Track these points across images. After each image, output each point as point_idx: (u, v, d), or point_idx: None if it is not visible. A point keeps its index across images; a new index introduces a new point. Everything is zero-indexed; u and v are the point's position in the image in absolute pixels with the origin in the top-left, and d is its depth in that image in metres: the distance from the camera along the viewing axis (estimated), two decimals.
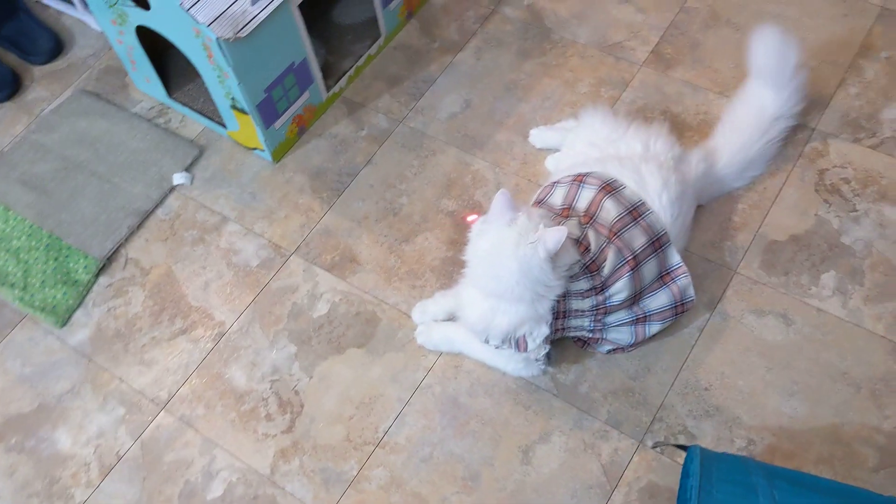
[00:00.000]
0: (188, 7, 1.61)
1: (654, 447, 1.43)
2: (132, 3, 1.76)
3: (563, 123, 1.92)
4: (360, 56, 2.09)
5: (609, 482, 1.50)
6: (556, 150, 1.88)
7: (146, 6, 1.72)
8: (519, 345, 1.47)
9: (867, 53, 1.97)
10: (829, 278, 1.67)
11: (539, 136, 1.92)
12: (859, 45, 1.99)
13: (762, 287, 1.68)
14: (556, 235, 1.32)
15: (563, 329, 1.53)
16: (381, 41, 2.12)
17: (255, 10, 1.67)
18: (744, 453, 1.50)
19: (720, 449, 1.51)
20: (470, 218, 1.48)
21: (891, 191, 1.76)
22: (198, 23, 1.62)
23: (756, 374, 1.58)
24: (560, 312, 1.47)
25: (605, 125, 1.72)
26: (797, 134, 1.86)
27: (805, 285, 1.67)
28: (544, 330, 1.46)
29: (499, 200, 1.37)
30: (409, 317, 1.72)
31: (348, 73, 2.07)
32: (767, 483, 1.17)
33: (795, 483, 1.19)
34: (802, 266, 1.69)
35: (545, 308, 1.43)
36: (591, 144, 1.71)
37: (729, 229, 1.74)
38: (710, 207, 1.78)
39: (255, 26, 1.67)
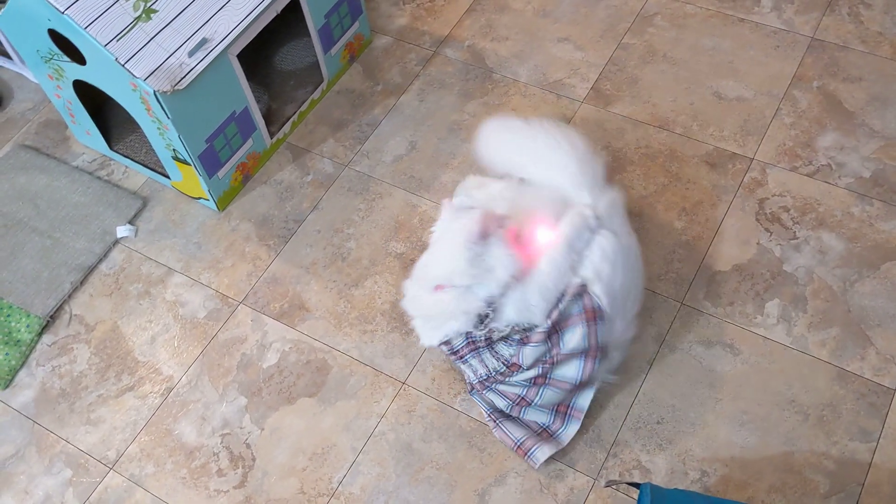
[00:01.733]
0: (124, 61, 1.60)
1: (607, 486, 1.42)
2: (68, 59, 1.74)
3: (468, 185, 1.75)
4: (304, 101, 2.09)
5: None
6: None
7: (82, 61, 1.70)
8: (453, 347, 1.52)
9: (799, 84, 2.02)
10: (773, 306, 1.70)
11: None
12: (792, 76, 2.04)
13: (708, 318, 1.70)
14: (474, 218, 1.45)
15: (461, 357, 1.54)
16: (323, 86, 2.13)
17: (193, 62, 1.66)
18: (697, 485, 1.51)
19: (674, 482, 1.52)
20: None
21: (828, 217, 1.80)
22: (134, 77, 1.60)
23: (706, 406, 1.59)
24: (473, 345, 1.51)
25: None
26: (736, 164, 1.90)
27: (750, 314, 1.69)
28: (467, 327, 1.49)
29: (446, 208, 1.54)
30: (361, 363, 1.71)
31: (292, 119, 2.07)
32: None
33: None
34: (747, 295, 1.72)
35: (473, 301, 1.46)
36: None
37: (673, 262, 1.77)
38: (654, 241, 1.80)
39: (192, 78, 1.66)
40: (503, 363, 1.52)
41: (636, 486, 1.31)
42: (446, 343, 1.54)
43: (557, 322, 1.47)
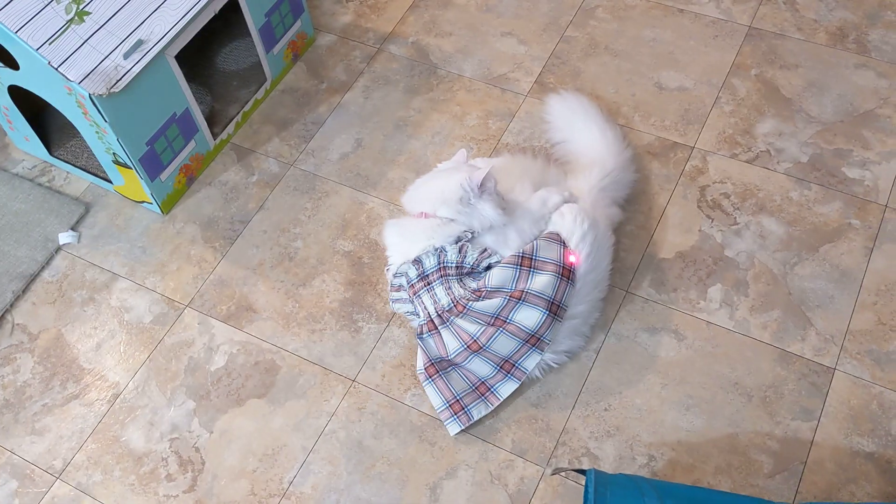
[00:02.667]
0: (58, 65, 1.58)
1: (553, 473, 1.44)
2: (1, 64, 1.71)
3: (476, 161, 1.91)
4: (247, 101, 2.08)
5: None
6: None
7: (15, 66, 1.67)
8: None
9: (738, 72, 2.06)
10: (715, 291, 1.72)
11: None
12: (731, 65, 2.07)
13: (653, 305, 1.72)
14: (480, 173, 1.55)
15: (428, 284, 1.58)
16: (267, 85, 2.12)
17: (129, 63, 1.64)
18: (645, 470, 1.53)
19: (622, 468, 1.54)
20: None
21: (768, 203, 1.83)
22: (69, 80, 1.58)
23: (652, 392, 1.61)
24: (443, 273, 1.58)
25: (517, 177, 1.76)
26: (678, 153, 1.93)
27: (693, 300, 1.72)
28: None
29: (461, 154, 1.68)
30: (310, 362, 1.70)
31: (235, 120, 2.05)
32: (660, 502, 1.19)
33: (687, 500, 1.21)
34: (690, 281, 1.74)
35: (453, 230, 1.59)
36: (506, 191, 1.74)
37: (619, 251, 1.78)
38: None
39: (129, 80, 1.64)
40: (469, 291, 1.56)
41: (582, 472, 1.32)
42: (416, 264, 1.59)
43: (532, 259, 1.53)
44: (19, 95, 1.84)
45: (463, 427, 1.57)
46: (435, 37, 2.22)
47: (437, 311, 1.58)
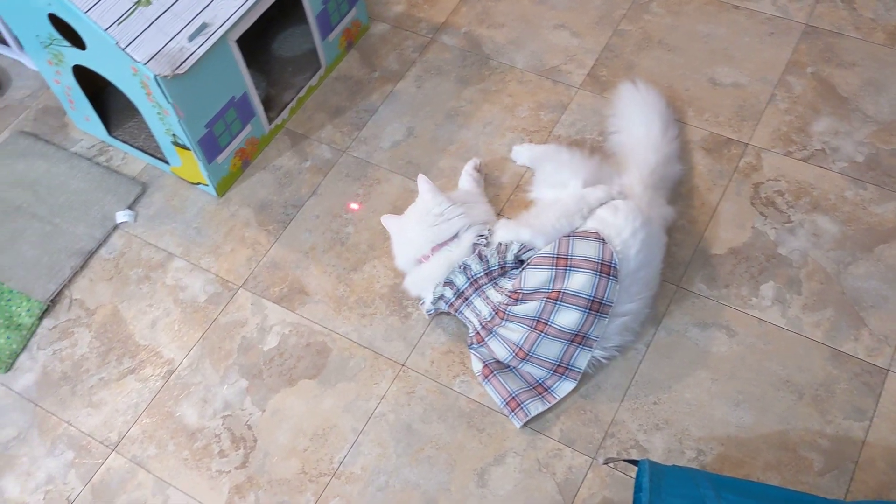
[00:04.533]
0: (125, 46, 1.61)
1: (605, 463, 1.44)
2: (68, 44, 1.75)
3: (543, 147, 1.93)
4: (302, 88, 2.10)
5: (564, 500, 1.52)
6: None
7: (82, 46, 1.71)
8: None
9: (794, 70, 2.04)
10: (768, 289, 1.72)
11: (521, 154, 1.95)
12: (787, 62, 2.06)
13: (704, 300, 1.72)
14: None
15: (465, 300, 1.63)
16: (321, 72, 2.14)
17: (193, 46, 1.67)
18: (694, 464, 1.53)
19: (671, 461, 1.54)
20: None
21: (822, 201, 1.82)
22: (135, 61, 1.61)
23: (702, 386, 1.62)
24: (476, 284, 1.62)
25: (567, 168, 1.77)
26: (731, 149, 1.92)
27: (745, 296, 1.71)
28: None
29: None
30: (360, 345, 1.73)
31: (290, 105, 2.08)
32: (715, 494, 1.20)
33: (742, 493, 1.22)
34: (742, 278, 1.74)
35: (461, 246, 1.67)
36: (558, 185, 1.76)
37: (670, 245, 1.78)
38: None
39: (193, 62, 1.67)
40: (506, 295, 1.58)
41: (634, 463, 1.33)
42: (450, 285, 1.64)
43: (567, 258, 1.53)
44: (82, 76, 1.88)
45: (522, 422, 1.58)
46: (487, 28, 2.23)
47: (481, 324, 1.61)
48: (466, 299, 1.62)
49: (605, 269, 1.54)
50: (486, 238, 1.66)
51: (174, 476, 1.61)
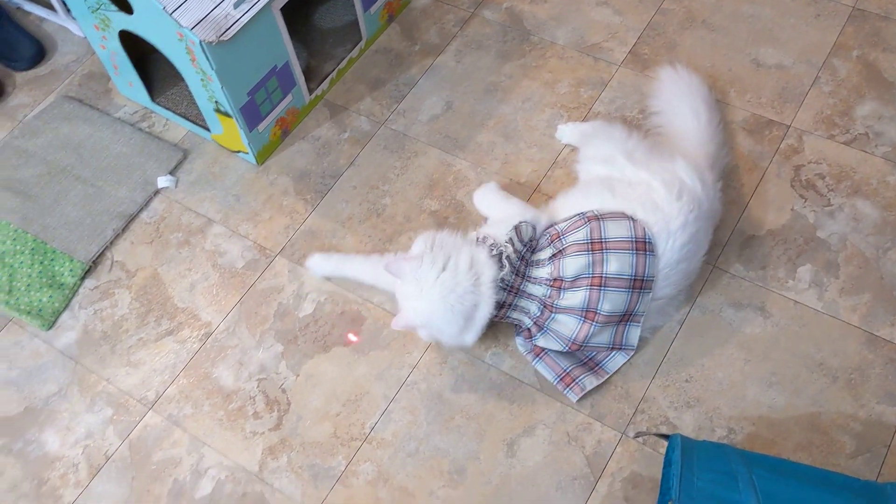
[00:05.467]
0: (171, 11, 1.63)
1: (635, 437, 1.45)
2: (115, 8, 1.77)
3: (590, 124, 1.93)
4: (342, 59, 2.11)
5: (593, 473, 1.53)
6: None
7: (129, 10, 1.73)
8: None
9: (839, 52, 2.02)
10: (805, 271, 1.71)
11: (566, 133, 1.94)
12: (832, 45, 2.03)
13: (740, 281, 1.71)
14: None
15: (512, 307, 1.58)
16: (362, 44, 2.15)
17: (238, 13, 1.69)
18: (724, 442, 1.53)
19: (701, 438, 1.54)
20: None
21: (864, 185, 1.80)
22: (181, 26, 1.63)
23: (735, 366, 1.61)
24: (513, 289, 1.55)
25: (610, 146, 1.73)
26: (773, 131, 1.90)
27: (782, 278, 1.70)
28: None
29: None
30: (394, 315, 1.74)
31: (330, 76, 2.09)
32: (747, 470, 1.20)
33: (774, 470, 1.22)
34: (779, 260, 1.73)
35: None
36: (605, 161, 1.71)
37: None
38: None
39: (237, 29, 1.68)
40: (546, 285, 1.55)
41: (665, 437, 1.34)
42: (498, 308, 1.56)
43: (602, 241, 1.52)
44: (126, 41, 1.91)
45: (578, 397, 1.59)
46: (529, 3, 2.22)
47: (532, 320, 1.61)
48: (510, 306, 1.59)
49: (641, 246, 1.53)
50: (499, 247, 1.56)
51: (209, 435, 1.64)
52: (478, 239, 1.58)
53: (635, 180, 1.63)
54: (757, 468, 1.20)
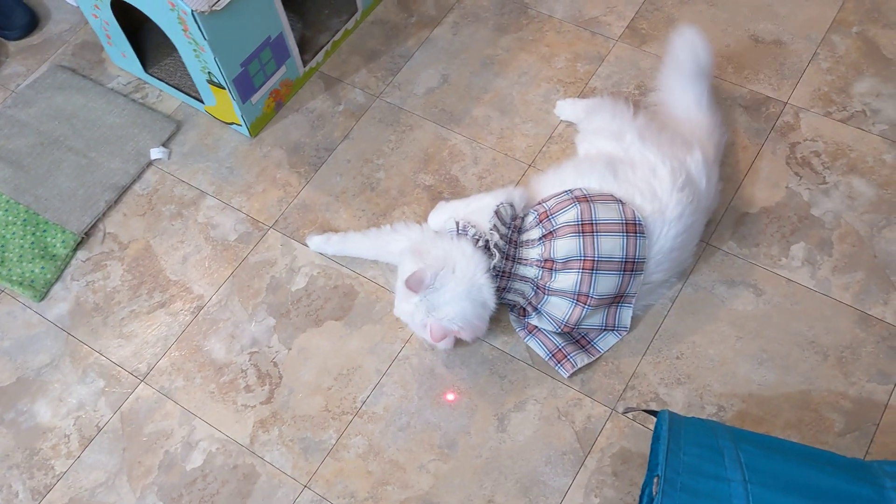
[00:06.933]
0: None
1: (624, 412, 1.45)
2: None
3: (590, 100, 1.90)
4: (337, 31, 2.09)
5: (582, 448, 1.54)
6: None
7: None
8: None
9: (839, 28, 2.00)
10: (798, 249, 1.70)
11: (565, 109, 1.92)
12: (832, 21, 2.01)
13: (733, 258, 1.71)
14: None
15: (507, 290, 1.58)
16: (357, 16, 2.13)
17: None
18: (714, 419, 1.54)
19: (691, 415, 1.55)
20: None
21: (859, 163, 1.79)
22: None
23: (726, 343, 1.61)
24: (505, 273, 1.55)
25: (617, 122, 1.72)
26: (770, 108, 1.89)
27: (775, 256, 1.70)
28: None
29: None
30: (387, 289, 1.74)
31: (325, 48, 2.07)
32: (734, 446, 1.20)
33: (761, 446, 1.22)
34: (773, 237, 1.72)
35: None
36: (613, 136, 1.69)
37: None
38: None
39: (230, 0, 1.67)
40: (537, 266, 1.55)
41: (654, 413, 1.34)
42: (498, 293, 1.57)
43: (592, 223, 1.51)
44: (120, 11, 1.89)
45: (570, 373, 1.60)
46: None
47: (526, 301, 1.60)
48: (506, 289, 1.59)
49: (631, 228, 1.53)
50: (482, 235, 1.57)
51: (200, 408, 1.65)
52: (458, 228, 1.57)
53: (639, 161, 1.62)
54: (744, 444, 1.20)
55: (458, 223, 1.58)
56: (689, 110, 1.77)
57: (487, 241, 1.54)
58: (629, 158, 1.63)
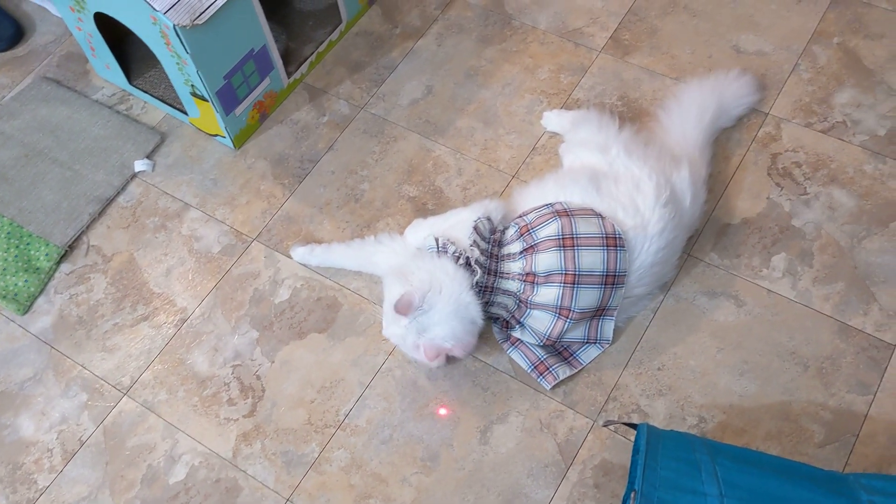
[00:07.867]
0: None
1: (604, 425, 1.46)
2: None
3: (576, 112, 1.91)
4: (322, 42, 2.10)
5: (564, 460, 1.54)
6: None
7: None
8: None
9: (820, 39, 2.01)
10: (779, 260, 1.71)
11: (551, 120, 1.93)
12: (813, 32, 2.03)
13: (714, 269, 1.71)
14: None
15: (490, 304, 1.58)
16: (342, 27, 2.13)
17: None
18: (695, 431, 1.54)
19: (672, 427, 1.55)
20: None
21: (840, 174, 1.80)
22: (154, 10, 1.62)
23: (707, 354, 1.62)
24: (488, 287, 1.55)
25: (603, 134, 1.74)
26: (751, 119, 1.90)
27: (756, 267, 1.71)
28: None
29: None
30: (371, 301, 1.74)
31: (309, 60, 2.08)
32: (710, 460, 1.21)
33: (739, 460, 1.23)
34: (754, 248, 1.73)
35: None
36: (599, 148, 1.70)
37: None
38: None
39: (212, 13, 1.67)
40: (519, 280, 1.55)
41: (633, 426, 1.35)
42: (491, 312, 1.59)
43: (573, 237, 1.52)
44: (103, 23, 1.89)
45: (552, 385, 1.60)
46: None
47: (510, 314, 1.61)
48: (489, 304, 1.59)
49: (611, 242, 1.53)
50: (461, 251, 1.57)
51: (183, 421, 1.65)
52: (438, 246, 1.58)
53: (624, 174, 1.63)
54: (721, 458, 1.21)
55: (437, 240, 1.58)
56: (687, 128, 1.79)
57: (468, 257, 1.55)
58: (613, 172, 1.64)
